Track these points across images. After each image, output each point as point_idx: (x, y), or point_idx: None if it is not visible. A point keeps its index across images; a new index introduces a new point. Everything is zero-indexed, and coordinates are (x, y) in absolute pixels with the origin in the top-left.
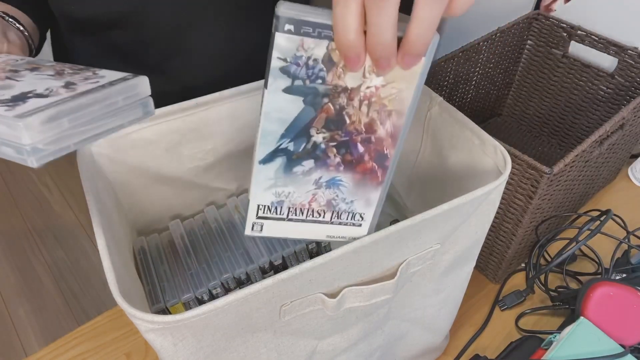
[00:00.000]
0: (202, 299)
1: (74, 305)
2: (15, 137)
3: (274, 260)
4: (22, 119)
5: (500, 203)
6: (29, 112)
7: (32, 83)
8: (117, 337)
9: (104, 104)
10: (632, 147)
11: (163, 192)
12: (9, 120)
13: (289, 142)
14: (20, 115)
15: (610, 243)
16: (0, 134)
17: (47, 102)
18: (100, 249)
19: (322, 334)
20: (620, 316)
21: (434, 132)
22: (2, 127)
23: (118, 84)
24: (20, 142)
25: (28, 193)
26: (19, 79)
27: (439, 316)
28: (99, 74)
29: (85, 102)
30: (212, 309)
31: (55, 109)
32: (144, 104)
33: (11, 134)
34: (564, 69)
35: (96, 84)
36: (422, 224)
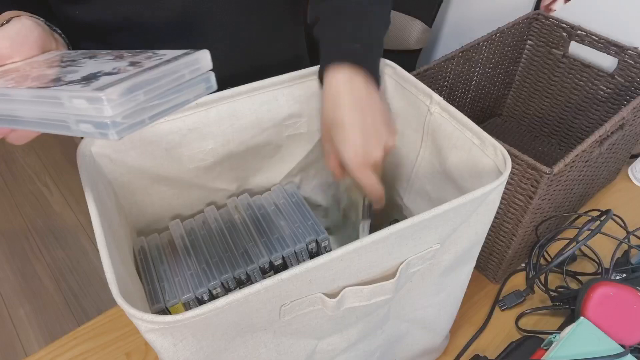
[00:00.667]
0: (202, 299)
1: (74, 305)
2: (96, 111)
3: (274, 261)
4: (102, 90)
5: (500, 203)
6: (107, 85)
7: (96, 66)
8: (117, 337)
9: (173, 78)
10: (632, 147)
11: (163, 192)
12: (89, 94)
13: None
14: (100, 88)
15: (610, 243)
16: (78, 110)
17: (121, 77)
18: (100, 249)
19: (322, 334)
20: (620, 316)
21: (434, 132)
22: (81, 102)
23: (182, 57)
24: (102, 115)
25: (28, 193)
26: (80, 65)
27: (439, 316)
28: (158, 53)
29: (156, 74)
30: (212, 309)
31: (131, 81)
32: (206, 79)
33: (91, 108)
34: (564, 69)
35: (161, 60)
36: (422, 224)
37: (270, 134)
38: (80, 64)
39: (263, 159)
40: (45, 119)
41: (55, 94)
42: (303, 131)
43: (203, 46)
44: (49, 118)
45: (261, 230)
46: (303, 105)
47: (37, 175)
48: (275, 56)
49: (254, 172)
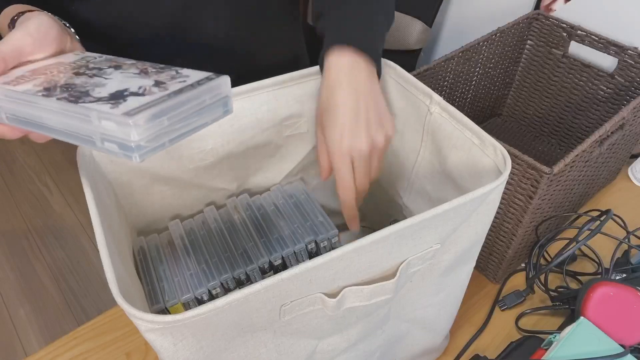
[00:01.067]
0: (202, 299)
1: (74, 305)
2: (123, 134)
3: (274, 261)
4: (131, 117)
5: (500, 203)
6: (135, 110)
7: (123, 81)
8: (117, 337)
9: (195, 103)
10: (632, 147)
11: (163, 192)
12: (119, 118)
13: None
14: (128, 113)
15: (610, 243)
16: (106, 130)
17: (147, 101)
18: (100, 249)
19: (322, 334)
20: (620, 316)
21: (433, 132)
22: (110, 124)
23: (205, 83)
24: (128, 139)
25: (28, 193)
26: (107, 77)
27: (439, 316)
28: (182, 73)
29: (181, 100)
30: (212, 308)
31: (158, 107)
32: (224, 103)
33: (118, 131)
34: (564, 69)
35: (185, 83)
36: (422, 224)
37: (270, 134)
38: (107, 74)
39: (263, 159)
40: (71, 131)
41: (85, 112)
42: (303, 131)
43: (202, 46)
44: (76, 131)
45: (261, 230)
46: (303, 105)
47: (37, 175)
48: (275, 56)
49: (254, 172)
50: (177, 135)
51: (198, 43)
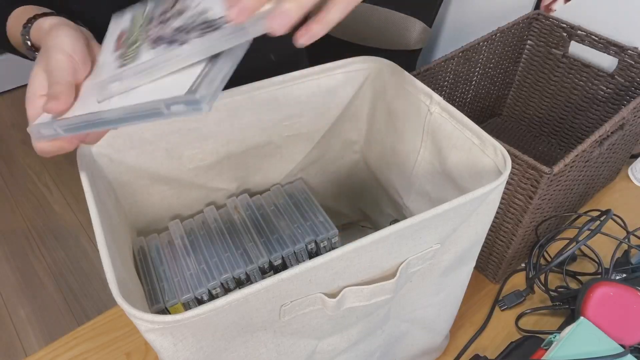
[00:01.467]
0: (202, 299)
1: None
2: (194, 110)
3: (274, 261)
4: (193, 93)
5: (500, 203)
6: (196, 85)
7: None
8: (117, 337)
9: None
10: (632, 147)
11: (163, 192)
12: (186, 97)
13: None
14: (191, 91)
15: (610, 243)
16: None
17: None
18: (100, 249)
19: (322, 334)
20: (620, 316)
21: (434, 132)
22: (179, 107)
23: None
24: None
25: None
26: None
27: (439, 316)
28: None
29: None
30: (212, 308)
31: (211, 75)
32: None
33: (188, 110)
34: (564, 69)
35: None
36: (422, 224)
37: (270, 134)
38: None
39: (263, 158)
40: (135, 115)
41: (153, 105)
42: (303, 131)
43: None
44: (140, 113)
45: (260, 230)
46: (303, 105)
47: (37, 175)
48: (275, 56)
49: (254, 171)
50: (227, 73)
51: None
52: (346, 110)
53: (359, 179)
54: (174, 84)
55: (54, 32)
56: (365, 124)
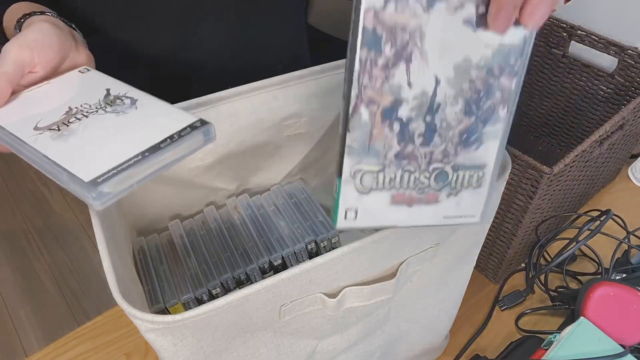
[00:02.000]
0: (202, 299)
1: (74, 305)
2: (89, 197)
3: (274, 261)
4: (95, 187)
5: (500, 203)
6: (102, 177)
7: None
8: (117, 337)
9: (171, 154)
10: (632, 147)
11: (163, 192)
12: (85, 186)
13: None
14: (94, 182)
15: (610, 243)
16: (73, 175)
17: (119, 163)
18: (100, 249)
19: (322, 334)
20: (620, 316)
21: None
22: (76, 188)
23: (186, 135)
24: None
25: (28, 193)
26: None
27: (439, 316)
28: (167, 113)
29: (155, 159)
30: (212, 308)
31: (127, 172)
32: (205, 132)
33: (85, 196)
34: (564, 69)
35: (165, 134)
36: None
37: (270, 134)
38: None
39: (263, 158)
40: (43, 166)
41: (58, 172)
42: (303, 131)
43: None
44: (47, 168)
45: (260, 230)
46: (303, 105)
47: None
48: (276, 56)
49: (254, 171)
50: (146, 176)
51: (199, 43)
52: None
53: None
54: (95, 156)
55: (29, 27)
56: None
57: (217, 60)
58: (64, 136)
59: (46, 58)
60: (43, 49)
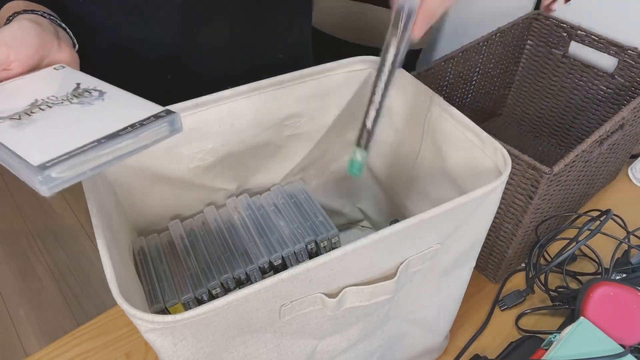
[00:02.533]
0: (202, 299)
1: (74, 305)
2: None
3: (274, 261)
4: (41, 171)
5: (500, 203)
6: (52, 162)
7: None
8: (117, 337)
9: (129, 143)
10: (632, 147)
11: (163, 192)
12: (30, 173)
13: None
14: (43, 166)
15: (610, 243)
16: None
17: (70, 149)
18: (100, 249)
19: (322, 334)
20: (620, 316)
21: (433, 132)
22: (27, 173)
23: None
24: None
25: (28, 193)
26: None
27: (439, 316)
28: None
29: (110, 147)
30: (212, 308)
31: (78, 159)
32: (170, 122)
33: (34, 181)
34: (564, 69)
35: (126, 122)
36: (422, 224)
37: (270, 134)
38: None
39: (263, 159)
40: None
41: (8, 157)
42: (303, 131)
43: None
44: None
45: (260, 230)
46: (303, 105)
47: None
48: (276, 56)
49: (254, 171)
50: (102, 163)
51: (201, 43)
52: (346, 110)
53: (359, 179)
54: (50, 142)
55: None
56: None
57: (222, 61)
58: (23, 125)
59: (23, 55)
60: (21, 46)
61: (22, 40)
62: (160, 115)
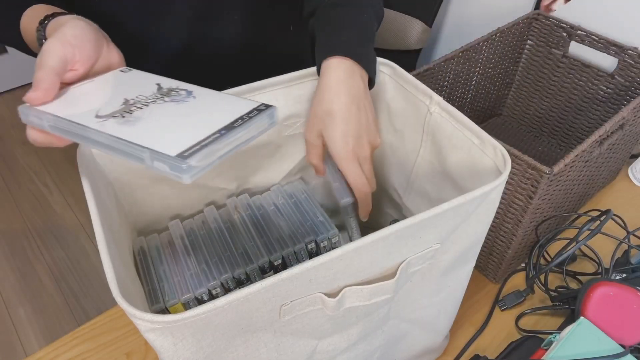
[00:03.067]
0: (202, 299)
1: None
2: (175, 174)
3: (274, 261)
4: (184, 160)
5: (500, 203)
6: (188, 152)
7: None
8: (117, 337)
9: (244, 133)
10: (632, 147)
11: (163, 192)
12: (172, 160)
13: None
14: (182, 155)
15: (610, 243)
16: (156, 152)
17: (200, 139)
18: (100, 249)
19: (322, 333)
20: (620, 316)
21: (433, 132)
22: (162, 165)
23: (255, 116)
24: (180, 167)
25: (28, 193)
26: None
27: (439, 316)
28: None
29: (231, 137)
30: (212, 308)
31: (209, 148)
32: (270, 114)
33: (171, 174)
34: (564, 69)
35: (234, 115)
36: (422, 224)
37: (270, 134)
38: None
39: (263, 158)
40: (119, 150)
41: (139, 151)
42: (303, 131)
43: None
44: (124, 151)
45: (260, 230)
46: (303, 105)
47: (37, 175)
48: (276, 56)
49: (254, 171)
50: (225, 152)
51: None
52: None
53: None
54: (174, 135)
55: (63, 24)
56: None
57: (228, 58)
58: (130, 121)
59: (86, 55)
60: (83, 46)
61: (83, 39)
62: (261, 108)
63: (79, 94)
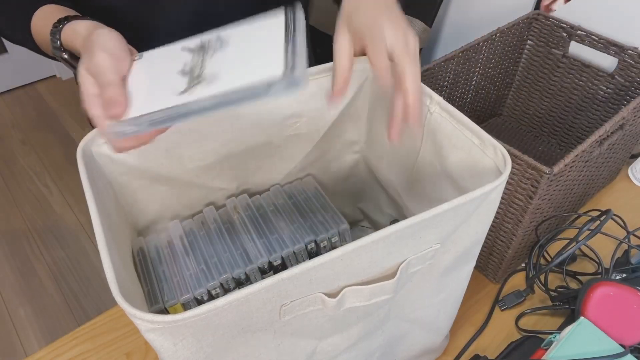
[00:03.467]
0: (202, 299)
1: (74, 305)
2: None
3: (273, 261)
4: (293, 73)
5: (500, 203)
6: (292, 68)
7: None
8: (117, 337)
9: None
10: (632, 147)
11: (163, 192)
12: (288, 79)
13: None
14: (292, 71)
15: (610, 243)
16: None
17: (295, 53)
18: (100, 249)
19: (322, 334)
20: (620, 316)
21: (433, 132)
22: (275, 89)
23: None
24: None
25: (28, 193)
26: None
27: (439, 316)
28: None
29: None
30: (212, 308)
31: (298, 55)
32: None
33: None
34: (564, 69)
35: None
36: (422, 224)
37: (270, 134)
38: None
39: (263, 158)
40: (229, 99)
41: (253, 88)
42: (303, 131)
43: None
44: (236, 96)
45: (260, 230)
46: (303, 105)
47: (37, 175)
48: None
49: (254, 171)
50: (306, 50)
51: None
52: (346, 110)
53: (359, 179)
54: (260, 65)
55: (94, 34)
56: (365, 124)
57: None
58: (212, 79)
59: (127, 62)
60: (125, 57)
61: (122, 50)
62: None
63: (136, 91)
